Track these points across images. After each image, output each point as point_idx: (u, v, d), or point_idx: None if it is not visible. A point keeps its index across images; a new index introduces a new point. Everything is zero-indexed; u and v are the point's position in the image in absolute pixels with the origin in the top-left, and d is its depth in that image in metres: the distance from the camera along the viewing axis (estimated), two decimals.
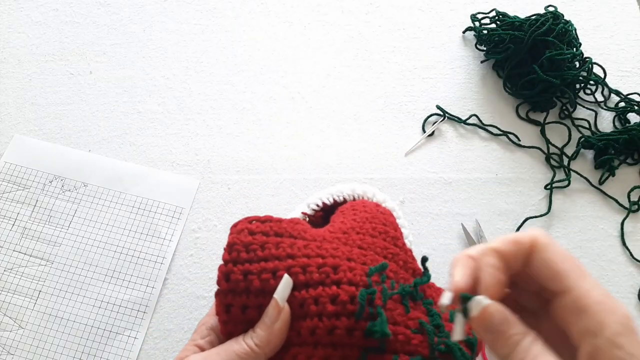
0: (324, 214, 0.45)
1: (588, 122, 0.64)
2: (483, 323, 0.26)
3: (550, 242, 0.27)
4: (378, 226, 0.40)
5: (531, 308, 0.30)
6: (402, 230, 0.43)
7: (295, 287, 0.33)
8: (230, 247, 0.35)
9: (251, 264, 0.34)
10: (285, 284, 0.33)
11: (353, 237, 0.38)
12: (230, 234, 0.36)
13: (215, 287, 0.34)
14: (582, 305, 0.24)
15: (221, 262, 0.34)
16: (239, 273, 0.34)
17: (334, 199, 0.45)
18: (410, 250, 0.42)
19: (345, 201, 0.45)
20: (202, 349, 0.35)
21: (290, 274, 0.34)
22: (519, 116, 0.64)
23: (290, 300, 0.33)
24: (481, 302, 0.26)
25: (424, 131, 0.62)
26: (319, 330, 0.33)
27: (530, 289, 0.29)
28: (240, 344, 0.33)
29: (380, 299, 0.34)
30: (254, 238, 0.35)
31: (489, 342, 0.26)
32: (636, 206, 0.59)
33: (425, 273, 0.38)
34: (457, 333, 0.27)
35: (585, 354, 0.24)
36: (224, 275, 0.34)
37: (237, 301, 0.34)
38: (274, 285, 0.33)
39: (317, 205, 0.45)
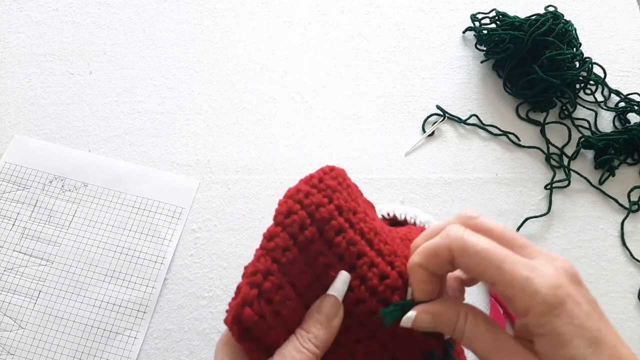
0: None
1: (588, 122, 0.64)
2: (420, 327, 0.30)
3: (465, 247, 0.28)
4: None
5: None
6: None
7: (362, 235, 0.32)
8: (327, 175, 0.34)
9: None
10: (342, 280, 0.31)
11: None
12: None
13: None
14: (508, 295, 0.27)
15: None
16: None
17: (404, 218, 0.43)
18: None
19: (406, 223, 0.44)
20: None
21: (364, 218, 0.33)
22: (519, 116, 0.64)
23: (355, 243, 0.32)
24: (409, 317, 0.30)
25: (424, 131, 0.62)
26: (355, 289, 0.31)
27: None
28: (301, 352, 0.29)
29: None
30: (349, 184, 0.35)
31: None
32: (636, 206, 0.59)
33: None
34: None
35: (519, 327, 0.29)
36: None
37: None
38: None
39: (388, 215, 0.43)
